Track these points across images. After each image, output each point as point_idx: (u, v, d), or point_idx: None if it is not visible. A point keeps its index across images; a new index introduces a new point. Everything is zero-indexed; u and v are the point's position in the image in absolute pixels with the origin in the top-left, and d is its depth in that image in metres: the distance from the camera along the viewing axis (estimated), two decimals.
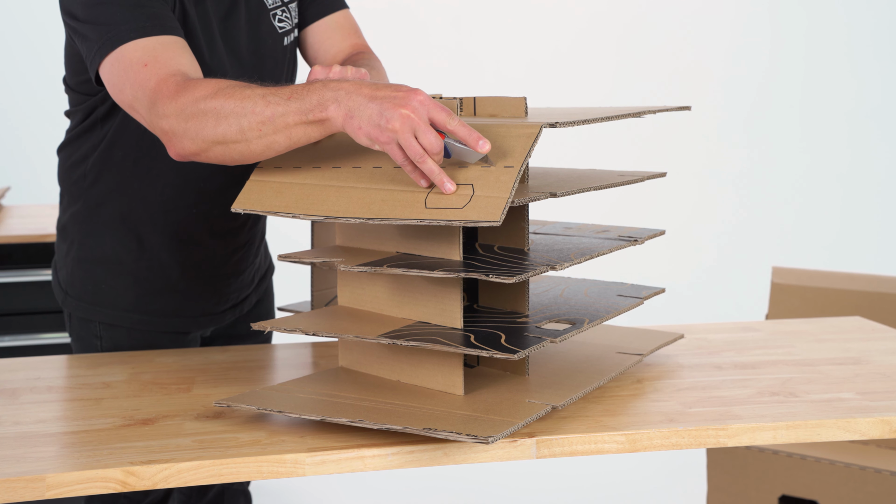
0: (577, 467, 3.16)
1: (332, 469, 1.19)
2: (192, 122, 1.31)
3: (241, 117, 1.28)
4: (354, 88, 1.23)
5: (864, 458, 2.22)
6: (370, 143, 1.23)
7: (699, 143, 5.41)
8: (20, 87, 4.77)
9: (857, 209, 5.44)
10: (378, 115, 1.20)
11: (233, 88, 1.30)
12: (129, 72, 1.39)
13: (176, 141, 1.34)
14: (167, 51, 1.39)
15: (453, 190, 1.22)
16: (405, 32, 5.13)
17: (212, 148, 1.32)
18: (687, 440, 1.25)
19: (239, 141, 1.29)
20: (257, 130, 1.28)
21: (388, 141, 1.20)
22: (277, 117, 1.26)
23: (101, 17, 1.41)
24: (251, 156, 1.32)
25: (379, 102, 1.20)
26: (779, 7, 5.45)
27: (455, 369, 1.30)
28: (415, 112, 1.19)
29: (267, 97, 1.27)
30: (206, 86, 1.32)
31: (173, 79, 1.35)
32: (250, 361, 1.59)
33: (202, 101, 1.30)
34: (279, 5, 1.66)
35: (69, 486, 1.14)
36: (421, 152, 1.20)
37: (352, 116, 1.22)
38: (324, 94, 1.24)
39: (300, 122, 1.25)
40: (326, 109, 1.23)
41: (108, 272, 1.68)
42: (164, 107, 1.34)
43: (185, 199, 1.64)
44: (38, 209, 3.13)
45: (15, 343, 2.68)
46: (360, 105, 1.21)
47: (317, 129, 1.26)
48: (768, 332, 1.74)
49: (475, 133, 1.21)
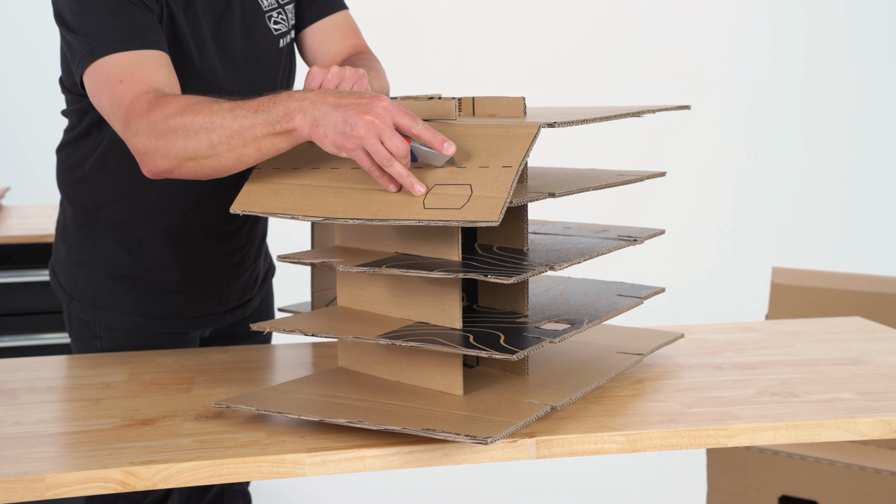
0: (577, 467, 3.16)
1: (331, 469, 1.19)
2: (163, 139, 1.33)
3: (211, 132, 1.30)
4: (319, 97, 1.25)
5: (864, 458, 2.22)
6: (337, 150, 1.25)
7: (699, 143, 5.41)
8: (20, 88, 4.77)
9: (858, 209, 5.44)
10: (343, 123, 1.22)
11: (201, 104, 1.32)
12: (105, 86, 1.41)
13: (148, 159, 1.36)
14: (143, 66, 1.41)
15: (422, 192, 1.24)
16: (405, 33, 5.13)
17: (184, 164, 1.34)
18: (687, 440, 1.25)
19: (209, 156, 1.32)
20: (227, 144, 1.30)
21: (355, 147, 1.22)
22: (246, 130, 1.28)
23: (85, 26, 1.43)
24: (222, 169, 1.34)
25: (343, 110, 1.22)
26: (779, 7, 5.45)
27: (454, 370, 1.30)
28: (379, 118, 1.21)
29: (234, 111, 1.29)
30: (175, 102, 1.34)
31: (146, 96, 1.37)
32: (250, 362, 1.59)
33: (172, 118, 1.32)
34: (275, 7, 1.66)
35: (69, 486, 1.14)
36: (388, 156, 1.22)
37: (317, 125, 1.24)
38: (289, 104, 1.26)
39: (268, 134, 1.28)
40: (293, 120, 1.26)
41: (108, 275, 1.68)
42: (136, 124, 1.36)
43: (182, 204, 1.64)
44: (37, 209, 3.13)
45: (15, 343, 2.67)
46: (325, 113, 1.23)
47: (284, 140, 1.28)
48: (768, 332, 1.73)
49: (440, 136, 1.23)
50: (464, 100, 1.42)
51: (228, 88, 1.57)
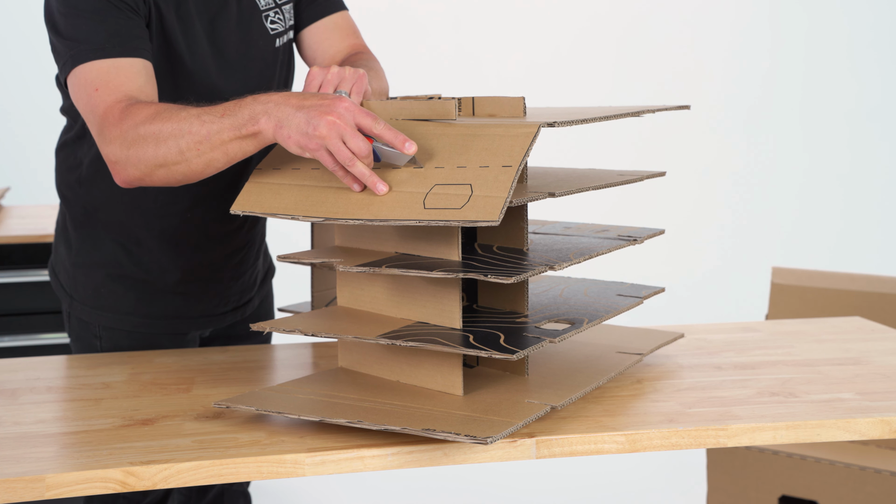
0: (577, 467, 3.16)
1: (331, 469, 1.19)
2: (134, 148, 1.36)
3: (179, 138, 1.32)
4: (283, 100, 1.28)
5: (864, 458, 2.22)
6: (301, 151, 1.27)
7: (699, 142, 5.41)
8: (20, 88, 4.76)
9: (858, 209, 5.44)
10: (305, 124, 1.24)
11: (170, 111, 1.35)
12: (82, 93, 1.43)
13: (120, 168, 1.39)
14: (120, 75, 1.42)
15: (385, 191, 1.27)
16: (405, 33, 5.13)
17: (155, 171, 1.36)
18: (687, 440, 1.25)
19: (179, 162, 1.34)
20: (195, 150, 1.32)
21: (317, 147, 1.25)
22: (213, 135, 1.31)
23: (69, 29, 1.44)
24: (192, 175, 1.36)
25: (306, 111, 1.25)
26: (779, 7, 5.45)
27: (454, 369, 1.30)
28: (341, 118, 1.23)
29: (202, 116, 1.32)
30: (145, 111, 1.36)
31: (118, 105, 1.39)
32: (250, 362, 1.59)
33: (141, 126, 1.35)
34: (272, 7, 1.66)
35: (69, 486, 1.14)
36: (350, 156, 1.24)
37: (281, 126, 1.26)
38: (254, 107, 1.29)
39: (235, 138, 1.30)
40: (258, 123, 1.28)
41: (108, 276, 1.68)
42: (109, 132, 1.38)
43: (179, 205, 1.64)
44: (37, 209, 3.13)
45: (14, 343, 2.67)
46: (288, 115, 1.26)
47: (251, 143, 1.31)
48: (768, 332, 1.73)
49: (401, 135, 1.25)
50: (464, 100, 1.42)
51: (221, 87, 1.57)
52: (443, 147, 1.28)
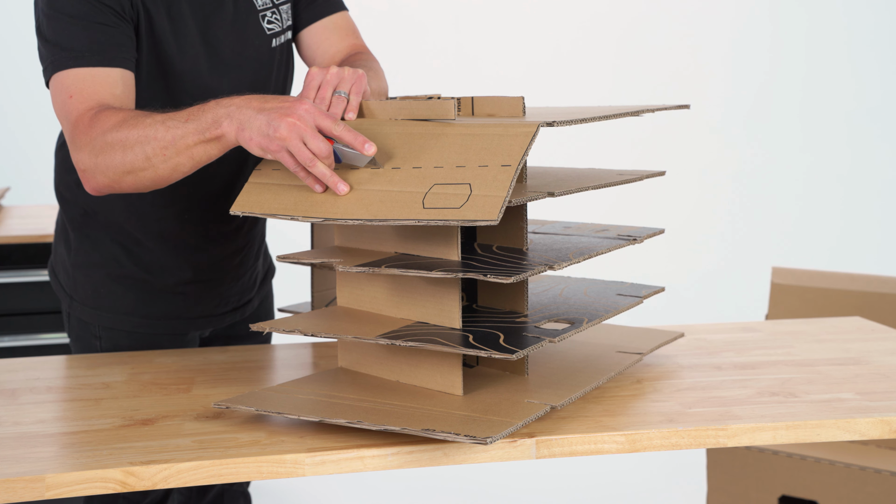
0: (577, 467, 3.16)
1: (331, 469, 1.19)
2: (102, 156, 1.38)
3: (146, 144, 1.35)
4: (244, 102, 1.30)
5: (864, 458, 2.22)
6: (262, 152, 1.29)
7: (698, 142, 5.41)
8: (20, 88, 4.76)
9: (858, 209, 5.44)
10: (266, 126, 1.26)
11: (136, 118, 1.37)
12: (58, 99, 1.45)
13: (89, 176, 1.41)
14: (96, 83, 1.44)
15: (346, 191, 1.29)
16: (405, 33, 5.13)
17: (123, 178, 1.39)
18: (687, 440, 1.25)
19: (146, 168, 1.36)
20: (161, 155, 1.35)
21: (278, 149, 1.27)
22: (178, 140, 1.33)
23: (50, 33, 1.46)
24: (160, 180, 1.39)
25: (267, 113, 1.27)
26: (779, 7, 5.45)
27: (454, 369, 1.30)
28: (301, 120, 1.26)
29: (166, 122, 1.34)
30: (112, 118, 1.38)
31: (89, 113, 1.41)
32: (250, 362, 1.59)
33: (108, 133, 1.37)
34: (269, 7, 1.66)
35: (69, 486, 1.14)
36: (310, 157, 1.26)
37: (243, 129, 1.29)
38: (217, 111, 1.31)
39: (199, 142, 1.33)
40: (220, 126, 1.31)
41: (108, 276, 1.68)
42: (79, 139, 1.41)
43: (176, 206, 1.64)
44: (37, 209, 3.13)
45: (14, 343, 2.67)
46: (249, 118, 1.28)
47: (215, 147, 1.33)
48: (768, 332, 1.73)
49: (360, 137, 1.28)
50: (463, 99, 1.41)
51: (214, 87, 1.57)
52: (442, 147, 1.28)
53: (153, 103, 1.51)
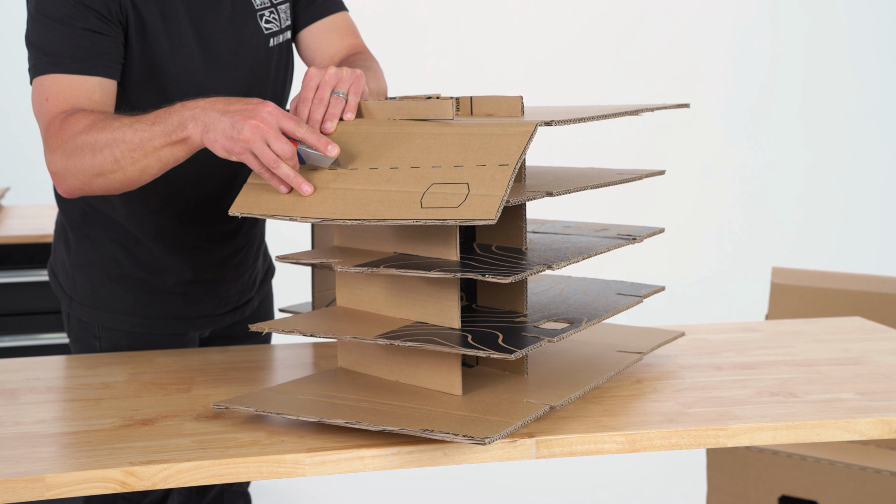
0: (577, 467, 3.16)
1: (331, 469, 1.19)
2: (72, 159, 1.40)
3: (114, 147, 1.36)
4: (209, 105, 1.32)
5: (864, 458, 2.22)
6: (227, 154, 1.30)
7: (698, 142, 5.41)
8: (20, 88, 4.75)
9: (858, 209, 5.44)
10: (230, 128, 1.28)
11: (105, 121, 1.38)
12: (36, 102, 1.48)
13: (60, 179, 1.43)
14: (73, 89, 1.46)
15: (310, 192, 1.31)
16: (405, 33, 5.13)
17: (93, 181, 1.41)
18: (687, 440, 1.25)
19: (115, 170, 1.38)
20: (130, 158, 1.37)
21: (242, 151, 1.28)
22: (146, 142, 1.35)
23: (35, 36, 1.49)
24: (129, 183, 1.40)
25: (231, 116, 1.29)
26: (779, 7, 5.45)
27: (453, 369, 1.30)
28: (264, 122, 1.27)
29: (134, 125, 1.36)
30: (82, 121, 1.40)
31: (61, 116, 1.43)
32: (250, 362, 1.59)
33: (78, 137, 1.39)
34: (267, 6, 1.65)
35: (68, 486, 1.14)
36: (274, 158, 1.28)
37: (208, 131, 1.30)
38: (182, 114, 1.33)
39: (166, 144, 1.34)
40: (185, 128, 1.32)
41: (107, 276, 1.68)
42: (51, 142, 1.43)
43: (174, 207, 1.64)
44: (37, 209, 3.13)
45: (14, 343, 2.67)
46: (214, 120, 1.30)
47: (181, 149, 1.35)
48: (768, 332, 1.73)
49: (323, 139, 1.30)
50: (462, 99, 1.41)
51: (209, 87, 1.57)
52: (440, 147, 1.28)
53: (146, 104, 1.51)
